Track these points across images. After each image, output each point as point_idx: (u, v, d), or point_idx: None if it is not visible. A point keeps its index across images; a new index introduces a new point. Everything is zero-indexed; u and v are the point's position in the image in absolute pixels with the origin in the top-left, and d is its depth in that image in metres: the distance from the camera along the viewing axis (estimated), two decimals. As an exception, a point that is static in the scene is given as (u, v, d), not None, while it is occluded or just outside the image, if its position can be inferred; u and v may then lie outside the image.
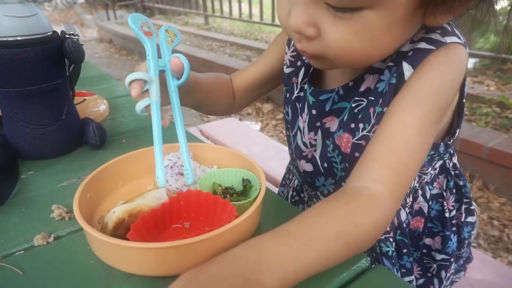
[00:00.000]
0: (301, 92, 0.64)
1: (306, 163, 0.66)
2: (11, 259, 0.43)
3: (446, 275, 0.66)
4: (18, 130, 0.63)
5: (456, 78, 0.48)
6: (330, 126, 0.60)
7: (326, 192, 0.66)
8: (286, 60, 0.66)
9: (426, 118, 0.46)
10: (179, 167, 0.54)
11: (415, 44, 0.48)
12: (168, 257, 0.39)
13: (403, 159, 0.44)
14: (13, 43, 0.56)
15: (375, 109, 0.52)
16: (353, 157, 0.57)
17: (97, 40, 6.26)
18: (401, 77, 0.48)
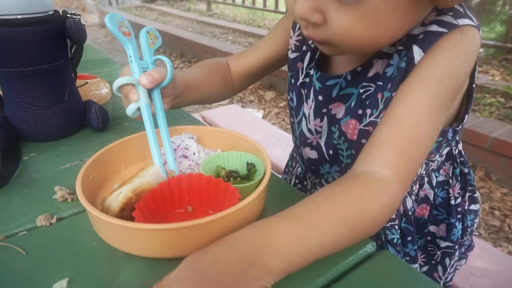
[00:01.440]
0: (307, 78, 0.63)
1: (310, 150, 0.65)
2: (14, 239, 0.43)
3: (450, 262, 0.66)
4: (20, 111, 0.62)
5: (468, 61, 0.47)
6: (336, 112, 0.59)
7: (331, 180, 0.65)
8: (291, 44, 0.65)
9: (436, 102, 0.45)
10: (182, 150, 0.54)
11: (426, 27, 0.47)
12: (173, 239, 0.38)
13: (412, 144, 0.43)
14: (14, 21, 0.55)
15: (383, 94, 0.51)
16: (359, 143, 0.56)
17: (98, 25, 6.20)
18: (411, 61, 0.47)
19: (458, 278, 0.98)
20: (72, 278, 0.38)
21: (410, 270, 0.40)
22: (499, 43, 3.00)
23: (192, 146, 0.54)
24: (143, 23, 5.05)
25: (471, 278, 0.99)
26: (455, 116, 0.58)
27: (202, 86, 0.65)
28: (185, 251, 0.40)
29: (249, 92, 3.09)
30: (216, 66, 0.70)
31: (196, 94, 0.63)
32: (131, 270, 0.39)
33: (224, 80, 0.70)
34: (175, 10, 6.19)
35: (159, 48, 4.55)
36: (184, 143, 0.55)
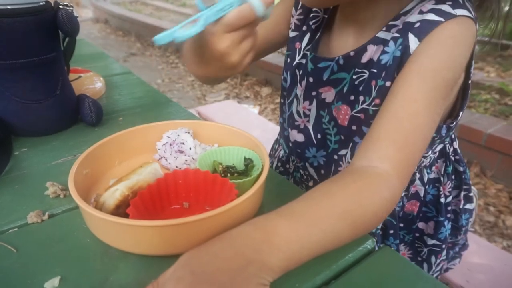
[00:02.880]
0: (303, 59, 0.62)
1: (297, 133, 0.65)
2: (4, 237, 0.42)
3: (436, 261, 0.66)
4: (11, 105, 0.60)
5: (464, 53, 0.46)
6: (326, 96, 0.58)
7: (316, 164, 0.64)
8: (292, 23, 0.64)
9: (433, 94, 0.44)
10: (178, 145, 0.53)
11: (424, 15, 0.46)
12: (168, 236, 0.37)
13: (410, 137, 0.43)
14: (3, 12, 0.53)
15: (377, 82, 0.50)
16: (350, 130, 0.55)
17: (92, 20, 6.14)
18: (406, 49, 0.46)
19: (455, 274, 0.98)
20: (64, 276, 0.37)
21: (410, 266, 0.39)
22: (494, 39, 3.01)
23: (188, 141, 0.53)
24: (137, 18, 5.00)
25: (467, 273, 1.00)
26: (450, 113, 0.57)
27: None
28: (181, 248, 0.39)
29: (245, 88, 3.08)
30: None
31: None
32: (125, 268, 0.38)
33: None
34: (170, 5, 6.14)
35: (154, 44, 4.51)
36: (180, 138, 0.53)
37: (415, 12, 0.47)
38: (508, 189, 1.78)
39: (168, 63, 3.84)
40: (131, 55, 4.10)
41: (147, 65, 3.80)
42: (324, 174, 0.64)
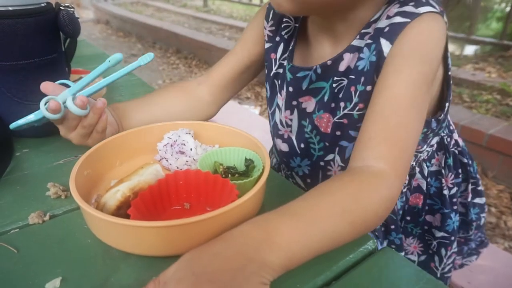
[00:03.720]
0: (280, 69, 0.63)
1: (282, 143, 0.66)
2: (6, 237, 0.42)
3: (447, 253, 0.66)
4: (12, 106, 0.60)
5: (436, 47, 0.48)
6: (306, 106, 0.59)
7: (301, 174, 0.65)
8: (265, 35, 0.65)
9: (413, 88, 0.45)
10: (179, 146, 0.53)
11: (391, 20, 0.48)
12: (169, 237, 0.37)
13: (400, 133, 0.44)
14: (5, 13, 0.53)
15: (356, 88, 0.52)
16: (333, 136, 0.56)
17: (93, 21, 6.15)
18: (380, 54, 0.48)
19: (456, 275, 0.98)
20: (65, 277, 0.37)
21: (411, 267, 0.39)
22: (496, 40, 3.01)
23: (189, 142, 0.53)
24: (139, 19, 5.01)
25: (469, 274, 1.00)
26: (437, 106, 0.58)
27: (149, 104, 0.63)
28: (182, 249, 0.39)
29: (246, 89, 3.08)
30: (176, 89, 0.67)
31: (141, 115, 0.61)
32: (126, 269, 0.38)
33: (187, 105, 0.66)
34: (171, 6, 6.15)
35: (155, 44, 4.52)
36: (180, 139, 0.53)
37: (383, 18, 0.49)
38: (510, 190, 1.78)
39: (169, 64, 3.85)
40: (132, 56, 4.10)
41: (148, 66, 3.81)
42: (311, 182, 0.65)
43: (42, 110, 0.49)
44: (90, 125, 0.52)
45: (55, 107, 0.48)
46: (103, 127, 0.53)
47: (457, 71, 2.76)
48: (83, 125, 0.51)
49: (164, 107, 0.64)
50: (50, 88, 0.50)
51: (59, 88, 0.51)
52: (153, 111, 0.62)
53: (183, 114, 0.65)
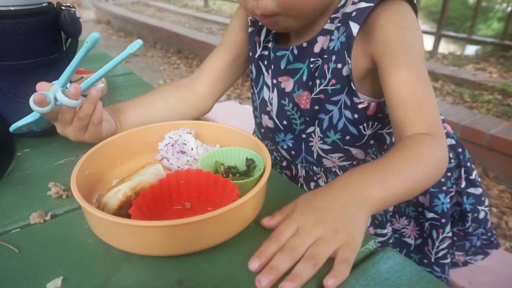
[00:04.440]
0: (265, 51, 0.67)
1: (268, 119, 0.69)
2: (7, 237, 0.42)
3: (438, 235, 0.68)
4: (13, 106, 0.61)
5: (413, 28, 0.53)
6: (285, 86, 0.64)
7: (286, 147, 0.69)
8: (248, 21, 0.68)
9: (414, 68, 0.52)
10: (180, 145, 0.53)
11: (357, 5, 0.54)
12: (169, 236, 0.37)
13: (422, 106, 0.51)
14: (6, 13, 0.53)
15: (329, 65, 0.57)
16: (312, 110, 0.62)
17: (94, 21, 6.15)
18: (350, 34, 0.54)
19: (457, 275, 0.98)
20: (66, 276, 0.37)
21: (412, 267, 0.39)
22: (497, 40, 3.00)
23: (190, 142, 0.53)
24: (140, 19, 5.01)
25: (470, 275, 1.00)
26: None
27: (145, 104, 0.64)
28: (183, 249, 0.39)
29: (247, 89, 3.08)
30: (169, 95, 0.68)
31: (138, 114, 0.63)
32: (127, 268, 0.38)
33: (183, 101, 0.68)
34: (172, 6, 6.15)
35: (156, 44, 4.52)
36: (181, 139, 0.53)
37: (349, 3, 0.55)
38: (511, 190, 1.77)
39: (169, 64, 3.85)
40: (132, 56, 4.10)
41: (148, 66, 3.81)
42: (295, 154, 0.69)
43: (31, 105, 0.49)
44: (86, 115, 0.52)
45: (39, 99, 0.48)
46: (99, 118, 0.53)
47: (458, 71, 2.76)
48: (79, 116, 0.51)
49: (160, 103, 0.66)
50: (45, 88, 0.50)
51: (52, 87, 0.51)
52: (150, 108, 0.64)
53: (179, 109, 0.67)
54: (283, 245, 0.38)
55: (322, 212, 0.40)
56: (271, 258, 0.37)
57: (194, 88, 0.71)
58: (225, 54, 0.71)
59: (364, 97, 0.58)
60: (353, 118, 0.60)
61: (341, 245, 0.37)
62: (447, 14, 3.11)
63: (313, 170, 0.68)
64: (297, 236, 0.38)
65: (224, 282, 0.36)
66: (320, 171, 0.68)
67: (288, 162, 0.71)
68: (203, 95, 0.71)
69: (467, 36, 3.09)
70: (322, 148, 0.65)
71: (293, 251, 0.37)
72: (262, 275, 0.35)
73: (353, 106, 0.59)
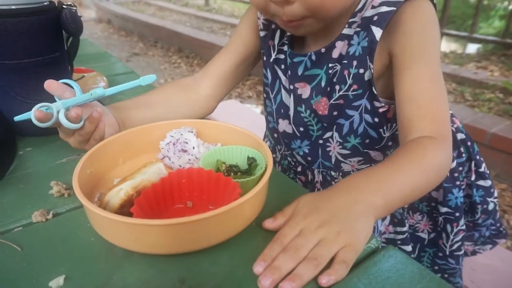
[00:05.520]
0: (281, 54, 0.66)
1: (288, 124, 0.68)
2: (9, 236, 0.42)
3: (453, 229, 0.68)
4: (15, 105, 0.61)
5: (432, 26, 0.53)
6: (302, 92, 0.63)
7: (301, 153, 0.68)
8: (260, 24, 0.67)
9: (430, 67, 0.51)
10: (182, 144, 0.53)
11: (377, 9, 0.53)
12: (171, 235, 0.37)
13: (433, 107, 0.50)
14: (7, 12, 0.53)
15: (349, 71, 0.57)
16: (331, 116, 0.61)
17: (95, 20, 6.15)
18: (373, 38, 0.53)
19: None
20: (68, 275, 0.37)
21: (414, 265, 0.39)
22: (498, 38, 2.99)
23: (191, 140, 0.53)
24: (140, 18, 5.01)
25: (472, 273, 0.99)
26: None
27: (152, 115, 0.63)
28: (185, 247, 0.39)
29: (248, 87, 3.08)
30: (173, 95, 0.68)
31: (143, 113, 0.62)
32: (129, 267, 0.38)
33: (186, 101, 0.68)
34: (173, 5, 6.15)
35: (157, 43, 4.52)
36: (183, 137, 0.53)
37: (368, 7, 0.54)
38: (512, 188, 1.77)
39: (170, 63, 3.85)
40: (133, 55, 4.11)
41: (149, 65, 3.81)
42: (312, 159, 0.68)
43: (32, 119, 0.48)
44: (87, 134, 0.52)
45: (39, 117, 0.48)
46: (100, 136, 0.53)
47: (459, 69, 2.75)
48: (80, 133, 0.52)
49: (163, 104, 0.65)
50: (54, 87, 0.50)
51: (62, 88, 0.51)
52: (153, 108, 0.64)
53: (183, 110, 0.66)
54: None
55: (325, 214, 0.40)
56: None
57: (198, 89, 0.70)
58: (231, 56, 0.70)
59: (384, 100, 0.58)
60: (373, 122, 0.59)
61: (343, 247, 0.37)
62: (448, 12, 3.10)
63: (331, 175, 0.68)
64: (301, 236, 0.38)
65: (225, 281, 0.36)
66: (338, 175, 0.67)
67: (304, 167, 0.70)
68: (206, 97, 0.70)
69: (468, 35, 3.08)
70: (341, 153, 0.64)
71: (296, 252, 0.37)
72: (265, 276, 0.35)
73: (374, 110, 0.58)
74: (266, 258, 0.37)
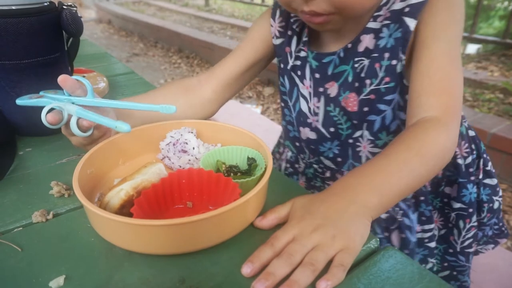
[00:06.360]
0: (298, 61, 0.65)
1: (310, 131, 0.67)
2: (9, 236, 0.42)
3: (465, 225, 0.67)
4: (15, 105, 0.61)
5: (460, 7, 0.53)
6: (330, 92, 0.62)
7: (332, 155, 0.67)
8: (274, 31, 0.67)
9: (451, 47, 0.51)
10: (182, 144, 0.53)
11: (407, 1, 0.53)
12: (171, 235, 0.38)
13: (445, 85, 0.50)
14: (8, 12, 0.53)
15: (381, 64, 0.56)
16: (361, 112, 0.60)
17: (96, 20, 6.15)
18: (406, 29, 0.53)
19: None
20: (69, 275, 0.37)
21: (414, 265, 0.39)
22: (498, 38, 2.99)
23: (191, 141, 0.53)
24: (141, 18, 5.01)
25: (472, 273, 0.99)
26: None
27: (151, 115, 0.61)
28: (185, 247, 0.39)
29: (248, 88, 3.08)
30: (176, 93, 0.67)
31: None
32: (129, 267, 0.38)
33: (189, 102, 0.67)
34: (173, 5, 6.15)
35: (157, 44, 4.52)
36: (183, 138, 0.53)
37: (397, 0, 0.54)
38: (512, 189, 1.77)
39: (170, 63, 3.85)
40: (134, 55, 4.11)
41: (150, 65, 3.81)
42: (341, 161, 0.67)
43: (42, 117, 0.48)
44: (93, 140, 0.53)
45: (53, 122, 0.48)
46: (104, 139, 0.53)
47: (460, 70, 2.75)
48: (85, 138, 0.52)
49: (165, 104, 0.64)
50: (68, 83, 0.49)
51: (76, 85, 0.50)
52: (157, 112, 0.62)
53: (185, 112, 0.65)
54: (278, 251, 0.37)
55: (320, 217, 0.40)
56: (265, 264, 0.36)
57: (201, 92, 0.68)
58: (240, 61, 0.69)
59: None
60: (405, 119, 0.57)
61: (340, 250, 0.37)
62: (448, 12, 3.10)
63: None
64: (296, 241, 0.38)
65: (225, 280, 0.36)
66: None
67: (333, 171, 0.69)
68: (209, 101, 0.69)
69: (468, 35, 3.08)
70: (372, 152, 0.64)
71: (290, 257, 0.36)
72: (258, 281, 0.34)
73: (406, 105, 0.56)
74: (254, 260, 0.36)
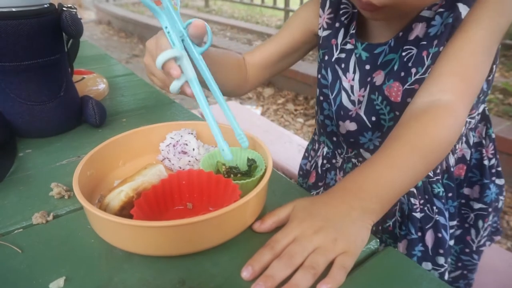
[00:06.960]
0: (342, 54, 0.64)
1: (350, 123, 0.66)
2: (10, 237, 0.42)
3: (484, 225, 0.67)
4: (15, 106, 0.61)
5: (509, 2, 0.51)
6: (376, 80, 0.61)
7: (372, 148, 0.66)
8: (322, 23, 0.66)
9: (489, 36, 0.49)
10: (182, 146, 0.53)
11: None
12: (171, 236, 0.38)
13: (470, 72, 0.48)
14: (8, 14, 0.54)
15: (428, 51, 0.54)
16: (404, 103, 0.58)
17: (95, 22, 6.16)
18: (458, 16, 0.51)
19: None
20: (69, 276, 0.37)
21: (415, 267, 0.39)
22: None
23: (191, 142, 0.53)
24: (140, 19, 5.02)
25: (471, 274, 0.99)
26: None
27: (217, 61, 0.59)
28: (185, 249, 0.39)
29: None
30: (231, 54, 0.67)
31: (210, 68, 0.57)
32: (129, 269, 0.38)
33: (238, 68, 0.67)
34: (173, 7, 6.15)
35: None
36: (183, 139, 0.54)
37: None
38: (512, 189, 1.77)
39: (170, 64, 3.85)
40: (133, 57, 4.11)
41: (149, 66, 3.80)
42: None
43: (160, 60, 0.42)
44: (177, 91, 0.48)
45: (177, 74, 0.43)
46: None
47: (459, 70, 2.75)
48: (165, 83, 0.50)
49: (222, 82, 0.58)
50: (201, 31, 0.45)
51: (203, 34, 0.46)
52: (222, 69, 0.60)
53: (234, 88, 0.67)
54: (278, 253, 0.37)
55: (321, 220, 0.39)
56: (265, 266, 0.36)
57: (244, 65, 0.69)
58: (279, 47, 0.69)
59: None
60: None
61: (340, 253, 0.37)
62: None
63: None
64: (297, 243, 0.38)
65: (225, 282, 0.36)
66: None
67: None
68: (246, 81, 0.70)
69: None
70: None
71: (291, 258, 0.36)
72: (257, 284, 0.34)
73: None
74: (254, 263, 0.36)
